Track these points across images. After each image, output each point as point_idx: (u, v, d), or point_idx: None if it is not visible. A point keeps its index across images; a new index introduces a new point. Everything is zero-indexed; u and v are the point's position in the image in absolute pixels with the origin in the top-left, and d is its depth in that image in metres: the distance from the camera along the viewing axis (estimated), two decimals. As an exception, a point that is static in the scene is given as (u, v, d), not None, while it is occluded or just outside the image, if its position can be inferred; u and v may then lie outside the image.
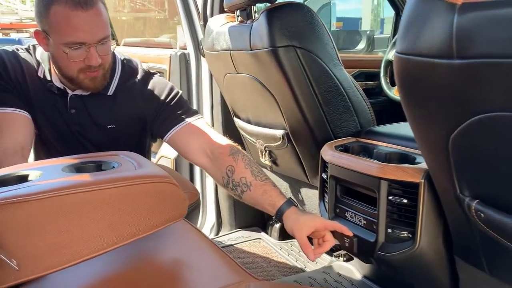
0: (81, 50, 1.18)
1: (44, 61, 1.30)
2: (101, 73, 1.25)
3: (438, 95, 0.75)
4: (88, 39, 1.16)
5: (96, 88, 1.27)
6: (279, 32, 1.28)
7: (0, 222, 0.65)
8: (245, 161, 1.24)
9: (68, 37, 1.15)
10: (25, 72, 1.28)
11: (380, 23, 11.94)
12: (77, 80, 1.24)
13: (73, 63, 1.19)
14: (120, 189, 0.74)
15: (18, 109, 1.25)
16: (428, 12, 0.71)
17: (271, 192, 1.18)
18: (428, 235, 1.02)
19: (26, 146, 1.24)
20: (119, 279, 0.81)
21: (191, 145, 1.31)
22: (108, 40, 1.22)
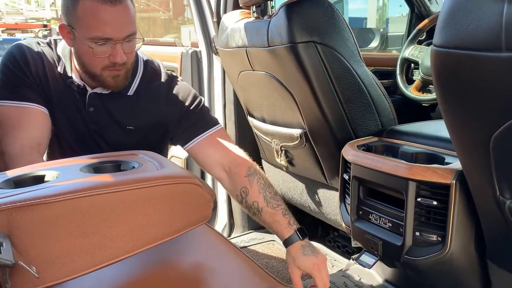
0: (107, 46, 1.15)
1: (65, 56, 1.27)
2: (124, 71, 1.22)
3: (481, 90, 0.70)
4: (114, 35, 1.13)
5: (117, 86, 1.24)
6: (299, 28, 1.24)
7: (17, 225, 0.61)
8: (260, 184, 1.23)
9: (95, 32, 1.13)
10: (45, 67, 1.26)
11: (386, 23, 11.89)
12: (100, 78, 1.20)
13: (98, 59, 1.16)
14: (142, 191, 0.70)
15: (36, 105, 1.22)
16: (473, 2, 0.66)
17: (280, 223, 1.19)
18: (460, 239, 0.98)
19: (43, 143, 1.22)
20: (141, 285, 0.77)
21: (211, 158, 1.30)
22: (134, 37, 1.19)
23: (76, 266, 0.65)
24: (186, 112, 1.32)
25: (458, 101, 0.75)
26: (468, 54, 0.67)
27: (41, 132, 1.22)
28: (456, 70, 0.71)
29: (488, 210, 0.87)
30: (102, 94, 1.28)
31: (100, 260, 0.67)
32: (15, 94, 1.21)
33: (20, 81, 1.22)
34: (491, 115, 0.71)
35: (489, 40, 0.64)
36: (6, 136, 1.18)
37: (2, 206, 0.61)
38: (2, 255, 0.53)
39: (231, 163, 1.27)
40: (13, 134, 1.18)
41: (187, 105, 1.32)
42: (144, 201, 0.70)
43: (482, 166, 0.79)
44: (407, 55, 1.94)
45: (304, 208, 1.77)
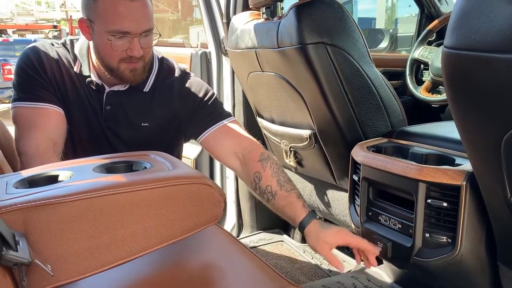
0: (125, 40, 1.18)
1: (83, 56, 1.30)
2: (141, 65, 1.25)
3: (492, 92, 0.70)
4: (132, 29, 1.17)
5: (135, 80, 1.26)
6: (309, 29, 1.24)
7: (32, 224, 0.63)
8: (273, 169, 1.25)
9: (114, 25, 1.16)
10: (61, 68, 1.28)
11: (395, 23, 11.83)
12: (118, 71, 1.23)
13: (116, 53, 1.20)
14: (154, 191, 0.71)
15: (52, 105, 1.25)
16: (484, 4, 0.66)
17: (294, 205, 1.20)
18: (470, 240, 0.97)
19: (58, 142, 1.24)
20: (152, 284, 0.77)
21: (224, 147, 1.33)
22: (151, 33, 1.23)
23: (90, 265, 0.66)
24: (199, 105, 1.34)
25: (469, 102, 0.75)
26: (479, 56, 0.67)
27: (56, 132, 1.25)
28: (467, 72, 0.71)
29: (499, 212, 0.86)
30: (120, 91, 1.30)
31: (113, 259, 0.68)
32: (30, 95, 1.24)
33: (35, 82, 1.24)
34: (502, 117, 0.71)
35: (501, 42, 0.64)
36: (23, 136, 1.21)
37: (18, 205, 0.62)
38: (19, 253, 0.54)
39: (244, 150, 1.30)
40: (29, 135, 1.21)
41: (200, 98, 1.35)
42: (156, 201, 0.71)
43: (493, 168, 0.79)
44: (417, 56, 1.93)
45: (313, 208, 1.77)
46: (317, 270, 1.69)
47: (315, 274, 1.66)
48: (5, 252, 0.53)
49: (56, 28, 20.02)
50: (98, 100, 1.30)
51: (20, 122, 1.24)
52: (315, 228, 1.15)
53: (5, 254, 0.53)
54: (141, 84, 1.31)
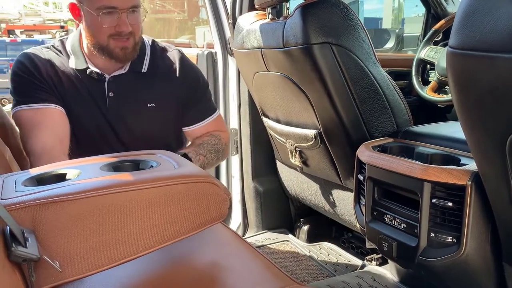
0: (113, 15, 1.22)
1: (76, 51, 1.33)
2: (132, 43, 1.28)
3: (496, 92, 0.70)
4: (119, 4, 1.21)
5: (126, 58, 1.30)
6: (314, 29, 1.24)
7: (41, 221, 0.64)
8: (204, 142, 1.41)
9: (101, 1, 1.20)
10: (55, 68, 1.31)
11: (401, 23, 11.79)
12: (108, 48, 1.26)
13: (105, 29, 1.23)
14: (161, 189, 0.72)
15: (52, 104, 1.27)
16: (489, 4, 0.66)
17: None
18: (475, 240, 0.97)
19: (64, 140, 1.27)
20: (157, 282, 0.78)
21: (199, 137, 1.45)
22: (138, 10, 1.26)
23: (97, 262, 0.67)
24: (197, 95, 1.43)
25: (473, 103, 0.75)
26: (484, 56, 0.68)
27: (60, 129, 1.27)
28: (472, 72, 0.71)
29: (504, 212, 0.86)
30: (120, 75, 1.33)
31: (120, 257, 0.69)
32: (29, 98, 1.26)
33: (32, 85, 1.27)
34: (507, 117, 0.71)
35: (506, 42, 0.64)
36: (29, 136, 1.23)
37: (27, 203, 0.63)
38: (28, 249, 0.55)
39: None
40: (35, 134, 1.22)
41: (199, 86, 1.44)
42: (162, 199, 0.72)
43: (498, 168, 0.79)
44: (423, 56, 1.93)
45: (318, 208, 1.78)
46: (322, 269, 1.69)
47: (320, 274, 1.66)
48: (15, 249, 0.54)
49: (63, 29, 20.13)
50: (100, 90, 1.33)
51: (23, 124, 1.26)
52: None
53: (15, 250, 0.54)
54: (138, 65, 1.35)
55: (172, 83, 1.38)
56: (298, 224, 2.01)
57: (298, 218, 2.03)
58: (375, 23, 12.16)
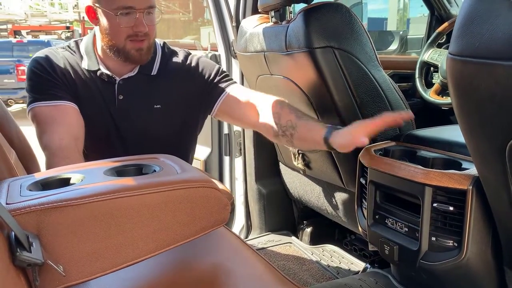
0: (130, 16, 1.24)
1: (89, 52, 1.35)
2: (147, 44, 1.30)
3: (496, 98, 0.71)
4: (136, 4, 1.23)
5: (141, 60, 1.31)
6: (316, 33, 1.25)
7: (45, 226, 0.65)
8: (290, 107, 1.30)
9: (118, 2, 1.22)
10: (69, 68, 1.34)
11: (406, 23, 11.75)
12: (124, 50, 1.28)
13: (122, 30, 1.25)
14: (163, 194, 0.73)
15: (69, 102, 1.30)
16: (488, 11, 0.67)
17: (315, 126, 1.23)
18: (476, 245, 0.98)
19: (80, 137, 1.29)
20: (159, 285, 0.79)
21: (240, 109, 1.39)
22: (154, 11, 1.28)
23: (100, 266, 0.68)
24: (211, 82, 1.41)
25: (473, 108, 0.75)
26: (483, 63, 0.68)
27: (76, 126, 1.29)
28: (471, 78, 0.72)
29: (504, 217, 0.87)
30: (130, 78, 1.35)
31: (123, 260, 0.70)
32: (45, 95, 1.28)
33: (48, 82, 1.29)
34: (507, 123, 0.71)
35: (504, 49, 0.64)
36: (45, 132, 1.25)
37: (32, 207, 0.64)
38: (33, 254, 0.57)
39: (258, 101, 1.35)
40: (52, 130, 1.25)
41: (211, 75, 1.42)
42: (165, 204, 0.73)
43: (497, 173, 0.79)
44: (426, 58, 1.93)
45: (321, 211, 1.78)
46: (325, 272, 1.70)
47: (323, 276, 1.66)
48: (20, 253, 0.55)
49: (69, 29, 20.26)
50: (110, 91, 1.35)
51: (40, 119, 1.28)
52: (336, 133, 1.17)
53: (20, 255, 0.55)
54: (149, 68, 1.37)
55: (180, 84, 1.40)
56: (301, 226, 2.02)
57: (301, 220, 2.04)
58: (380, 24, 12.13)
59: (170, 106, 1.39)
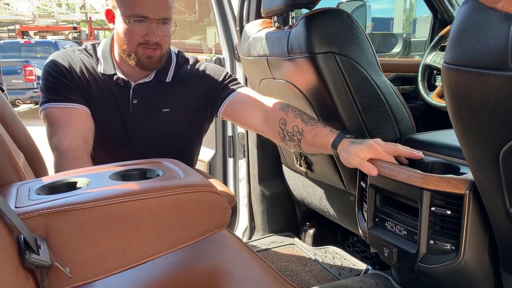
0: (143, 24, 1.27)
1: (106, 56, 1.38)
2: (158, 54, 1.33)
3: (489, 107, 0.72)
4: (150, 14, 1.26)
5: (151, 67, 1.35)
6: (318, 39, 1.27)
7: (53, 229, 0.67)
8: (295, 111, 1.31)
9: (134, 10, 1.26)
10: (84, 71, 1.37)
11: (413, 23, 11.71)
12: (135, 55, 1.31)
13: (134, 36, 1.28)
14: (166, 198, 0.75)
15: (80, 105, 1.33)
16: (481, 22, 0.69)
17: (323, 132, 1.23)
18: (473, 248, 0.99)
19: (89, 140, 1.32)
20: (160, 286, 0.82)
21: (245, 109, 1.41)
22: (169, 23, 1.31)
23: (105, 267, 0.71)
24: (219, 86, 1.45)
25: (468, 116, 0.77)
26: (476, 72, 0.70)
27: (86, 129, 1.32)
28: (465, 87, 0.74)
29: (500, 221, 0.88)
30: (145, 84, 1.39)
31: (127, 262, 0.73)
32: (59, 97, 1.32)
33: (62, 84, 1.33)
34: (499, 131, 0.73)
35: (496, 60, 0.66)
36: (56, 134, 1.28)
37: (40, 211, 0.67)
38: (41, 256, 0.59)
39: (265, 106, 1.37)
40: (62, 132, 1.28)
41: (219, 80, 1.46)
42: (167, 208, 0.75)
43: (492, 179, 0.81)
44: (429, 62, 1.95)
45: (324, 213, 1.80)
46: (327, 273, 1.72)
47: (324, 277, 1.69)
48: (28, 256, 0.58)
49: (76, 30, 20.41)
50: (125, 96, 1.38)
51: (52, 120, 1.31)
52: (346, 145, 1.16)
53: (28, 257, 0.57)
54: (163, 75, 1.41)
55: (190, 90, 1.44)
56: (303, 227, 2.04)
57: (303, 221, 2.06)
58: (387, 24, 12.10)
59: (178, 110, 1.43)
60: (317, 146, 1.25)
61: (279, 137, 1.35)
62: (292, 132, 1.30)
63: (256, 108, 1.39)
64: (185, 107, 1.45)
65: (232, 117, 1.49)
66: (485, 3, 0.68)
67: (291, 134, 1.30)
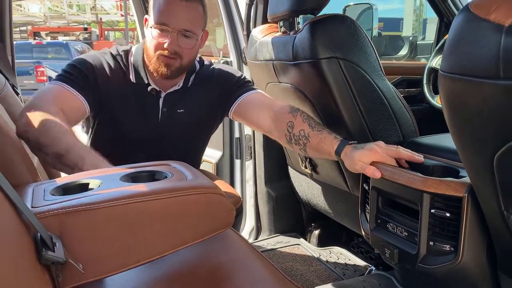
0: (165, 33, 1.31)
1: (139, 66, 1.41)
2: (177, 64, 1.36)
3: (483, 114, 0.75)
4: (172, 23, 1.30)
5: (168, 75, 1.37)
6: (322, 44, 1.31)
7: (67, 228, 0.71)
8: (303, 116, 1.34)
9: (158, 18, 1.31)
10: (113, 77, 1.38)
11: (423, 24, 11.64)
12: (155, 62, 1.35)
13: (156, 44, 1.33)
14: (173, 199, 0.79)
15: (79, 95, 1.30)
16: (474, 32, 0.72)
17: (327, 138, 1.26)
18: (472, 249, 1.02)
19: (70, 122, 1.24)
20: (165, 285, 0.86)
21: (255, 111, 1.45)
22: (192, 36, 1.34)
23: (115, 264, 0.75)
24: (228, 85, 1.50)
25: (463, 122, 0.80)
26: (471, 80, 0.73)
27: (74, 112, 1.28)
28: (460, 95, 0.77)
29: (496, 224, 0.91)
30: (174, 92, 1.44)
31: (136, 260, 0.76)
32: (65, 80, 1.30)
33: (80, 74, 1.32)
34: (493, 136, 0.76)
35: (488, 69, 0.69)
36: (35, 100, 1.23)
37: (55, 211, 0.71)
38: (56, 253, 0.63)
39: (274, 108, 1.41)
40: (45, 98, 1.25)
41: (229, 81, 1.51)
42: (174, 208, 0.79)
43: (487, 183, 0.84)
44: (434, 65, 1.96)
45: (328, 214, 1.83)
46: (331, 273, 1.75)
47: (329, 277, 1.72)
48: (45, 253, 0.62)
49: (86, 30, 20.60)
50: (155, 104, 1.43)
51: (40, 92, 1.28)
52: (349, 152, 1.20)
53: (45, 254, 0.62)
54: (187, 81, 1.47)
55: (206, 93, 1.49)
56: (309, 228, 2.07)
57: (309, 222, 2.09)
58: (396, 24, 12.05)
59: (192, 111, 1.48)
60: (322, 152, 1.29)
61: (286, 140, 1.38)
62: (299, 136, 1.33)
63: (266, 110, 1.43)
64: (199, 108, 1.49)
65: (242, 117, 1.53)
66: (479, 14, 0.70)
67: (297, 138, 1.34)
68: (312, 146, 1.31)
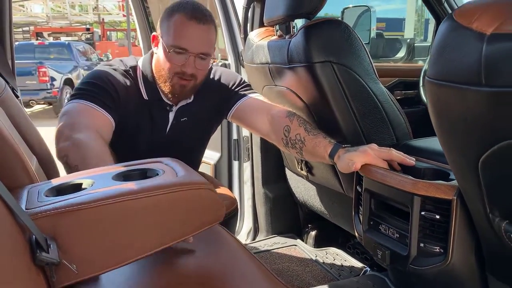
0: (182, 56, 1.33)
1: (150, 82, 1.43)
2: (192, 85, 1.40)
3: (467, 120, 0.77)
4: (190, 47, 1.32)
5: (181, 95, 1.42)
6: (316, 49, 1.32)
7: (60, 228, 0.73)
8: (299, 120, 1.38)
9: (175, 41, 1.32)
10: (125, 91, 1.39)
11: (424, 24, 11.63)
12: (170, 83, 1.38)
13: (172, 66, 1.35)
14: (164, 196, 0.80)
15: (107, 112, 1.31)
16: (458, 40, 0.74)
17: (322, 142, 1.30)
18: (460, 251, 1.04)
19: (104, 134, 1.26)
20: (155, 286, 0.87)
21: (253, 115, 1.48)
22: (208, 58, 1.37)
23: (108, 262, 0.76)
24: (228, 89, 1.53)
25: (448, 128, 0.82)
26: (455, 87, 0.75)
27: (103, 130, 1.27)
28: (446, 101, 0.78)
29: (483, 226, 0.93)
30: (186, 105, 1.48)
31: (128, 257, 0.78)
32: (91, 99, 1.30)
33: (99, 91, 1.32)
34: (477, 141, 0.78)
35: (471, 76, 0.71)
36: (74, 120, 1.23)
37: (47, 212, 0.73)
38: (50, 255, 0.65)
39: (272, 111, 1.44)
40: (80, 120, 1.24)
41: (229, 85, 1.54)
42: (165, 204, 0.80)
43: (473, 186, 0.85)
44: (430, 68, 1.98)
45: (324, 215, 1.85)
46: (327, 274, 1.77)
47: (324, 278, 1.73)
48: (39, 254, 0.64)
49: (88, 31, 20.65)
50: (165, 117, 1.47)
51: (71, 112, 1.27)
52: (342, 154, 1.24)
53: (39, 255, 0.63)
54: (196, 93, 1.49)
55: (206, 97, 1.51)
56: (306, 229, 2.09)
57: (306, 223, 2.11)
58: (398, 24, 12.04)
59: (195, 117, 1.51)
60: (317, 156, 1.32)
61: (283, 143, 1.41)
62: (295, 140, 1.36)
63: (264, 114, 1.46)
64: (201, 113, 1.52)
65: (241, 120, 1.55)
66: (462, 23, 0.72)
67: (294, 141, 1.37)
68: (308, 150, 1.33)
